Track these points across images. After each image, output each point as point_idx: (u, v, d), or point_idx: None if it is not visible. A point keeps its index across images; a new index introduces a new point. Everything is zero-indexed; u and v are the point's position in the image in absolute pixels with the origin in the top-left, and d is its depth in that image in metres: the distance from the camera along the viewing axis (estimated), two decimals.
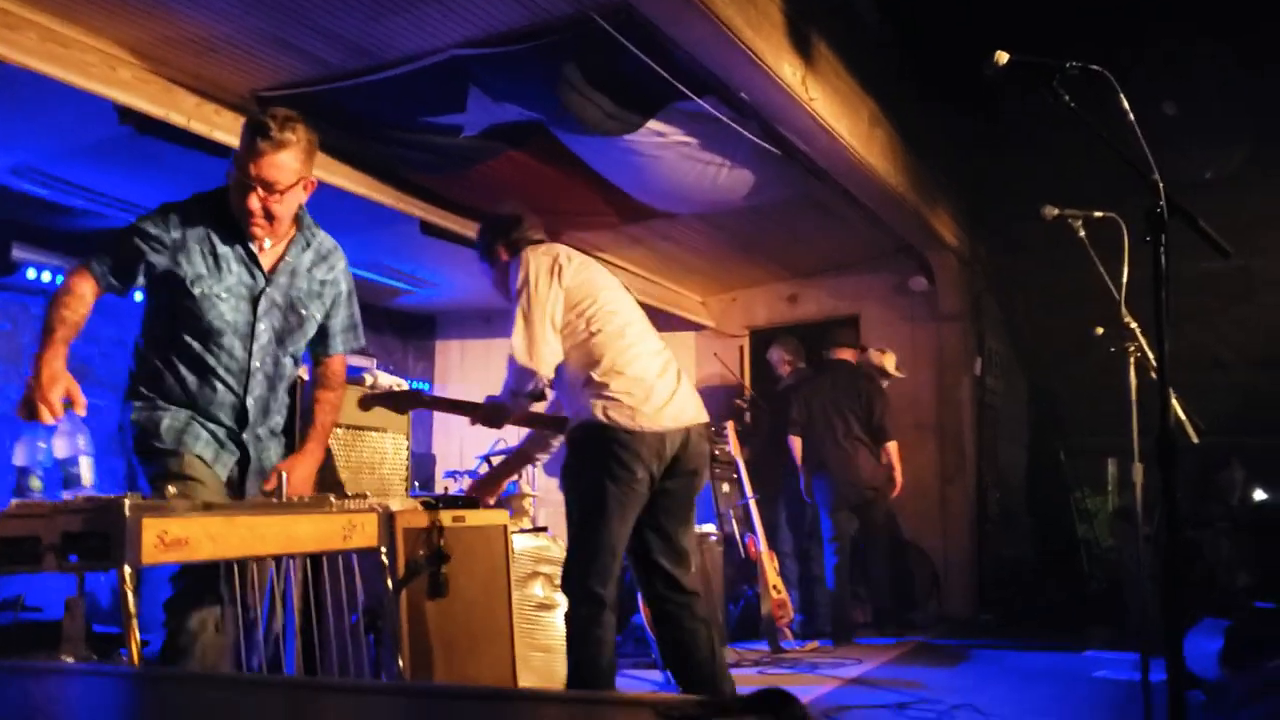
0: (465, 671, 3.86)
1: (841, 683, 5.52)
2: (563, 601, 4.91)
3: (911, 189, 7.06)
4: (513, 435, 8.16)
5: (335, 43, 4.73)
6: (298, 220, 3.35)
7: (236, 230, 3.21)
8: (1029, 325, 9.40)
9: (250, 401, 3.24)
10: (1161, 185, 2.47)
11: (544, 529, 5.15)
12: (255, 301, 3.23)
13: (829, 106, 5.65)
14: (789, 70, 5.19)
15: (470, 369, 9.88)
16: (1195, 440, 4.40)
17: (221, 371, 3.18)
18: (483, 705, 1.25)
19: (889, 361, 7.56)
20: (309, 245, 3.40)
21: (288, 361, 3.37)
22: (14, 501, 2.33)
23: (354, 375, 4.14)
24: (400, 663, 3.40)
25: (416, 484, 6.56)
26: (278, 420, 3.39)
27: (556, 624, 4.81)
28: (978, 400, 8.69)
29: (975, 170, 7.94)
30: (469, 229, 6.89)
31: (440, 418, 9.74)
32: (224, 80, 5.02)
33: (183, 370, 3.16)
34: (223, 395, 3.19)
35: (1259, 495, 7.55)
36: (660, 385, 3.65)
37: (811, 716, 0.97)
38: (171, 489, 2.54)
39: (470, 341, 9.90)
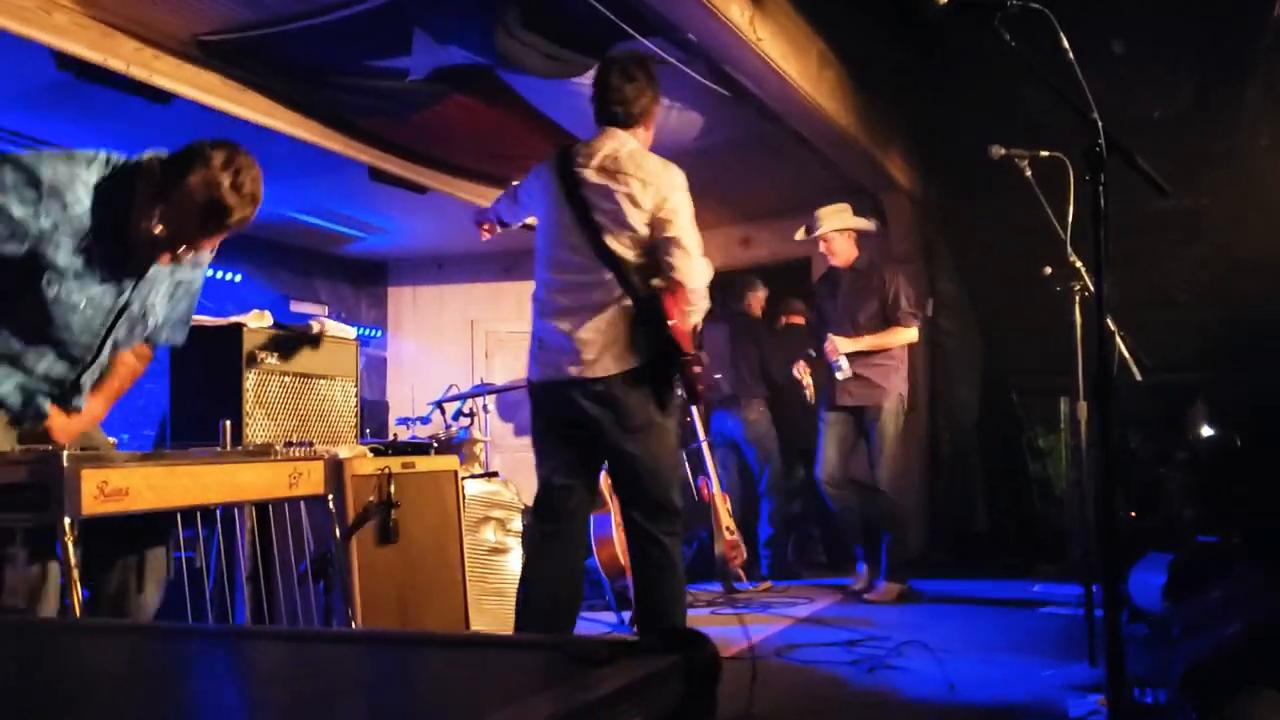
0: (418, 618, 3.88)
1: (793, 621, 5.60)
2: (514, 545, 4.96)
3: (862, 130, 7.05)
4: (464, 380, 8.17)
5: None
6: None
7: (123, 233, 2.75)
8: (981, 266, 9.46)
9: (84, 380, 2.96)
10: (1100, 124, 2.47)
11: (495, 474, 5.16)
12: (117, 313, 2.88)
13: (777, 47, 5.62)
14: (736, 10, 5.14)
15: (423, 315, 9.84)
16: (1139, 378, 4.48)
17: (54, 355, 2.82)
18: (388, 649, 1.26)
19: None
20: None
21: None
22: None
23: (301, 323, 4.11)
24: (351, 610, 3.41)
25: (368, 431, 6.57)
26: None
27: (509, 568, 4.85)
28: (929, 341, 8.75)
29: (926, 111, 7.93)
30: (419, 174, 6.83)
31: (394, 364, 9.72)
32: (163, 24, 4.90)
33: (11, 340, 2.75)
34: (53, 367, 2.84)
35: (1205, 431, 7.68)
36: (548, 329, 3.58)
37: (718, 653, 0.98)
38: None
39: (423, 287, 9.85)
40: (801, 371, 6.50)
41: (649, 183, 3.52)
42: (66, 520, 2.16)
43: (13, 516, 2.18)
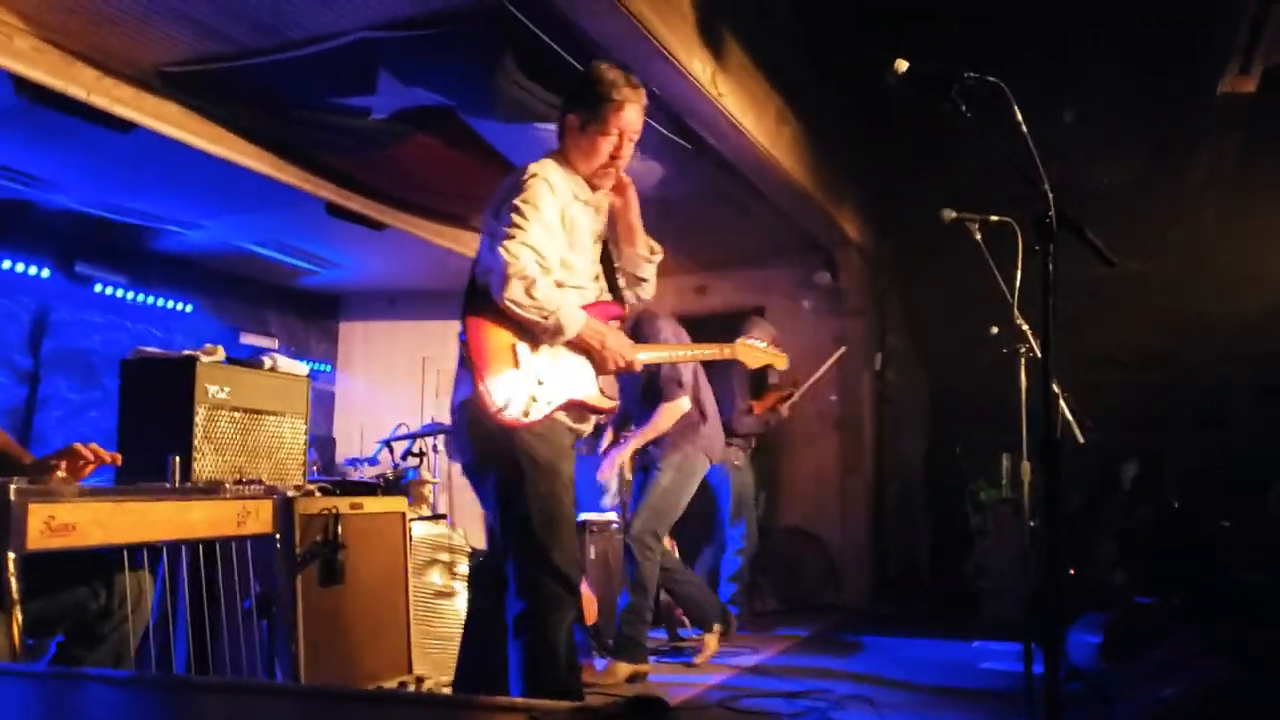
0: (361, 660, 3.84)
1: (737, 671, 5.60)
2: (461, 589, 4.92)
3: (818, 186, 7.16)
4: (413, 419, 8.13)
5: (240, 19, 4.64)
6: None
7: None
8: (930, 322, 9.59)
9: None
10: (1051, 195, 2.54)
11: (443, 516, 5.14)
12: None
13: (737, 103, 5.71)
14: (699, 66, 5.22)
15: (375, 351, 9.79)
16: (1081, 440, 4.56)
17: None
18: (367, 708, 1.27)
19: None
20: None
21: None
22: None
23: (254, 357, 4.08)
24: (294, 650, 3.38)
25: (316, 468, 6.51)
26: None
27: (456, 611, 4.81)
28: (877, 394, 8.85)
29: (881, 169, 8.07)
30: (377, 211, 6.84)
31: (342, 400, 9.66)
32: (126, 53, 4.89)
33: None
34: None
35: (1136, 491, 7.80)
36: None
37: None
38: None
39: (375, 323, 9.81)
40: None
41: None
42: (10, 555, 2.13)
43: None
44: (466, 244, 7.80)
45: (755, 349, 3.94)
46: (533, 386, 3.16)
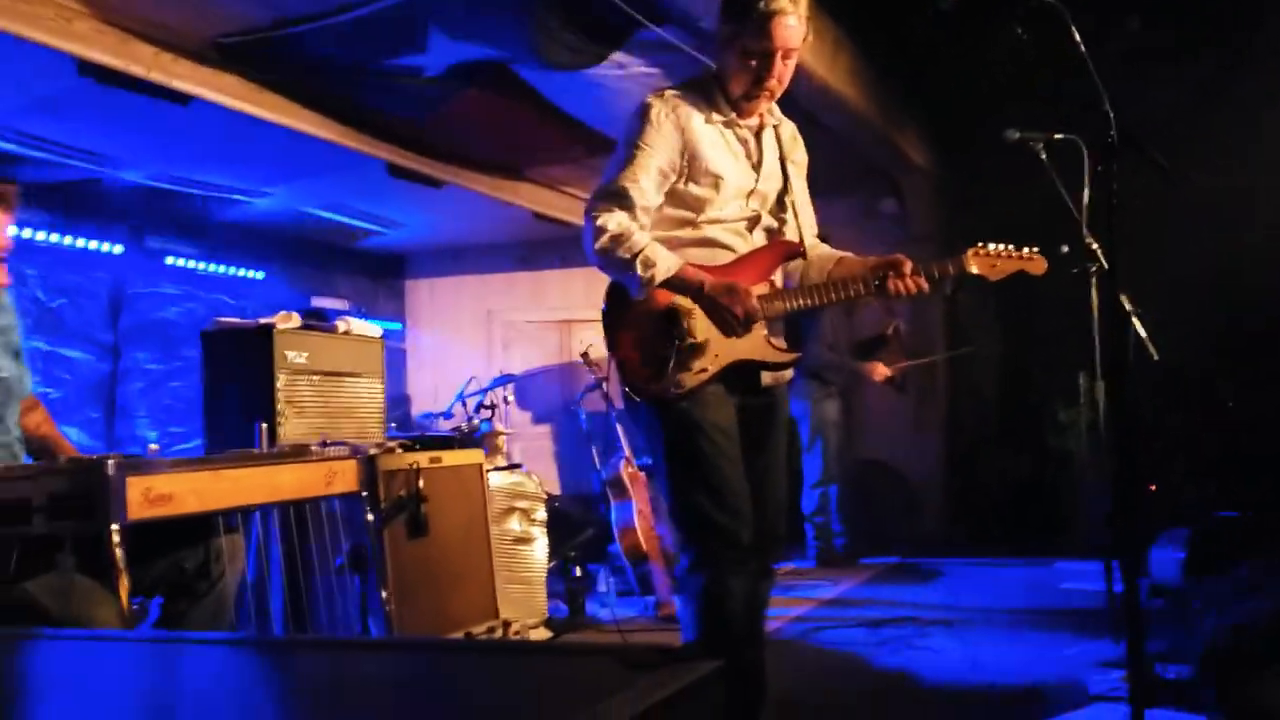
0: (448, 608, 3.96)
1: (817, 603, 5.66)
2: (539, 535, 5.03)
3: (878, 112, 7.07)
4: (482, 370, 8.25)
5: None
6: None
7: None
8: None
9: None
10: (1112, 115, 2.52)
11: (518, 465, 5.23)
12: None
13: None
14: None
15: (441, 307, 9.90)
16: (1155, 357, 4.51)
17: None
18: (462, 657, 1.32)
19: None
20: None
21: None
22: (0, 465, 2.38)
23: (328, 325, 4.19)
24: (387, 600, 3.49)
25: (393, 424, 6.64)
26: None
27: (534, 557, 4.93)
28: (949, 320, 8.77)
29: (943, 91, 7.94)
30: (436, 169, 6.89)
31: (413, 356, 9.81)
32: (180, 28, 4.95)
33: None
34: None
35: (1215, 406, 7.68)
36: None
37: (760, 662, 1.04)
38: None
39: (440, 279, 9.92)
40: None
41: None
42: (114, 526, 2.22)
43: (61, 524, 2.25)
44: (525, 196, 7.85)
45: (996, 255, 3.25)
46: (684, 352, 2.82)
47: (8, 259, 2.91)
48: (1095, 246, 4.33)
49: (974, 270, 3.27)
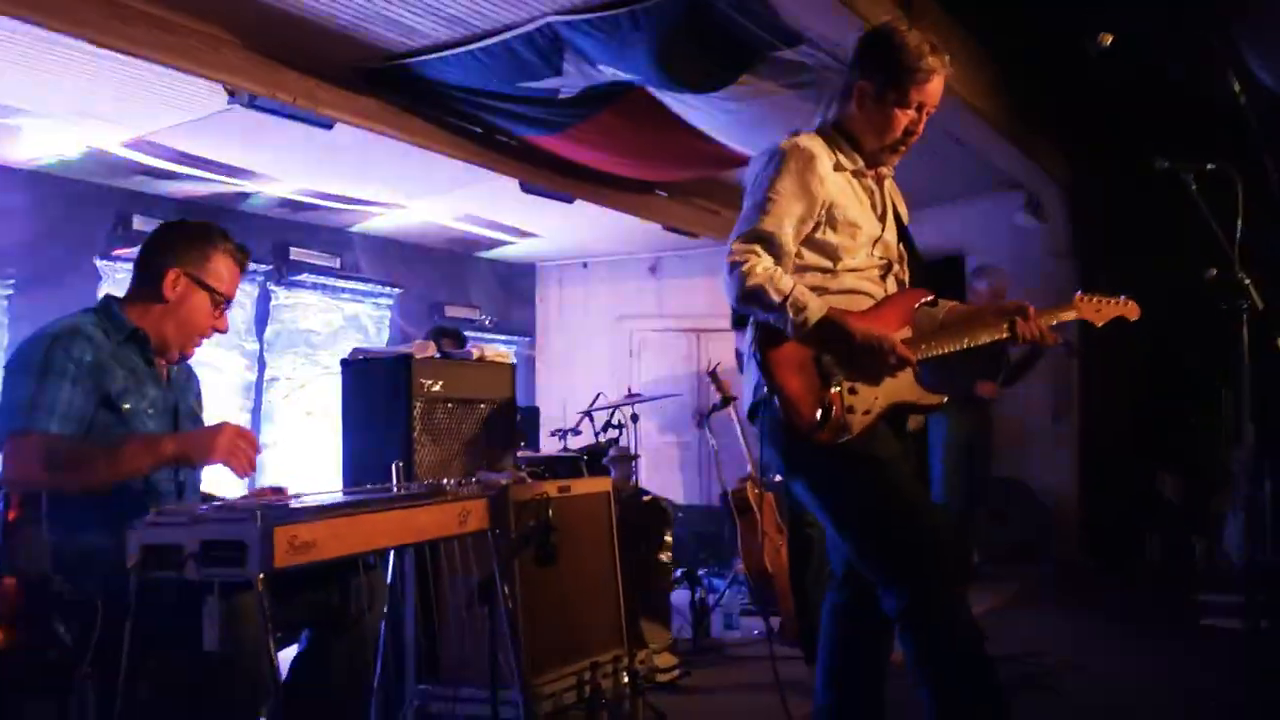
0: (575, 636, 3.99)
1: None
2: (665, 559, 5.05)
3: (1016, 128, 6.93)
4: (611, 381, 8.31)
5: (429, 13, 4.76)
6: None
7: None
8: (1138, 266, 9.16)
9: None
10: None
11: (647, 492, 5.26)
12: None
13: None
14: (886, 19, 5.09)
15: (570, 315, 10.01)
16: None
17: None
18: None
19: None
20: None
21: None
22: (154, 510, 2.47)
23: (464, 352, 4.28)
24: (518, 632, 3.53)
25: (523, 441, 6.74)
26: None
27: (661, 581, 4.95)
28: (1083, 336, 8.52)
29: (1085, 108, 7.72)
30: (566, 185, 6.98)
31: (543, 366, 9.94)
32: (325, 55, 5.10)
33: None
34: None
35: None
36: None
37: None
38: None
39: (570, 288, 10.02)
40: None
41: None
42: (260, 575, 2.29)
43: (211, 571, 2.32)
44: (655, 210, 7.90)
45: (1098, 302, 3.26)
46: (845, 396, 2.80)
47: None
48: (1247, 281, 4.16)
49: (1082, 316, 3.27)
